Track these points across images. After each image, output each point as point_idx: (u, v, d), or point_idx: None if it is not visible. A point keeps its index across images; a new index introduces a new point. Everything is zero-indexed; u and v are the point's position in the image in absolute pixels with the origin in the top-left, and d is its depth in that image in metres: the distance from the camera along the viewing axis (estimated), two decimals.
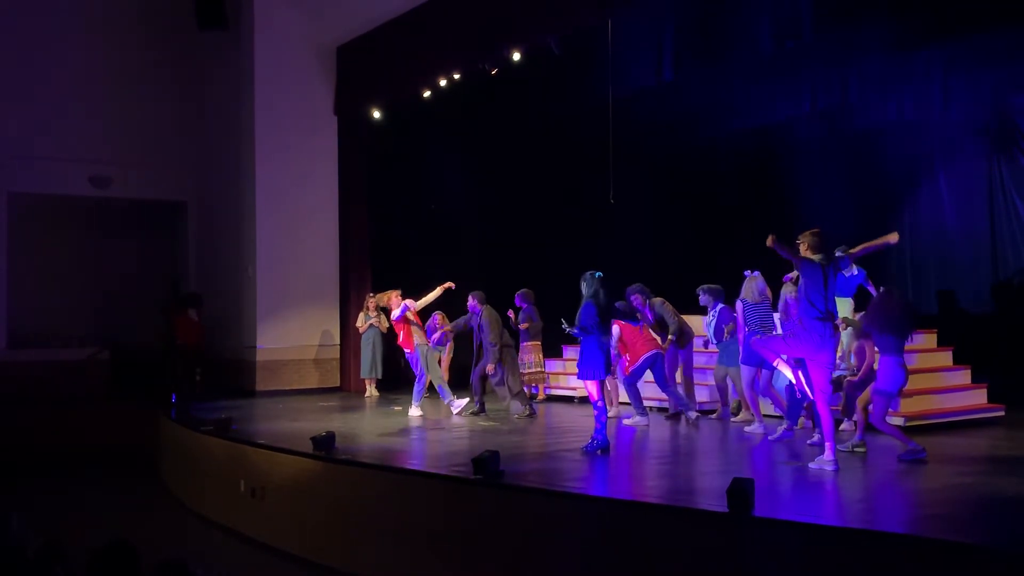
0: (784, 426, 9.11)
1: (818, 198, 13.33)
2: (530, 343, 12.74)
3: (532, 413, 11.54)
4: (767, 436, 9.22)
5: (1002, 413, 10.05)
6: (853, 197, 13.20)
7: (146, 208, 17.87)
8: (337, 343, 15.90)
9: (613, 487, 7.81)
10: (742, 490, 5.80)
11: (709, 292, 10.66)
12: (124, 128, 17.01)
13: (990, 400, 10.21)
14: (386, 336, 14.34)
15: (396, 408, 12.83)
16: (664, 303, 10.88)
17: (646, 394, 11.29)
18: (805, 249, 7.53)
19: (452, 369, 13.76)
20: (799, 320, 7.50)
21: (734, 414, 10.82)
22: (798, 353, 7.75)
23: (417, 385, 12.00)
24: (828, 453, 7.41)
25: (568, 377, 13.29)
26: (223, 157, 16.87)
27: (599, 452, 8.55)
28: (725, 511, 5.83)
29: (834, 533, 5.52)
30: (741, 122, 14.62)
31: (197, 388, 14.67)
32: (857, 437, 8.33)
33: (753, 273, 9.75)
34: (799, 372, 8.17)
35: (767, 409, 9.96)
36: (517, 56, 12.37)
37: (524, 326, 12.68)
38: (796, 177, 14.20)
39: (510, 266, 15.32)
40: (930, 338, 10.84)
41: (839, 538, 5.44)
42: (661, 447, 9.58)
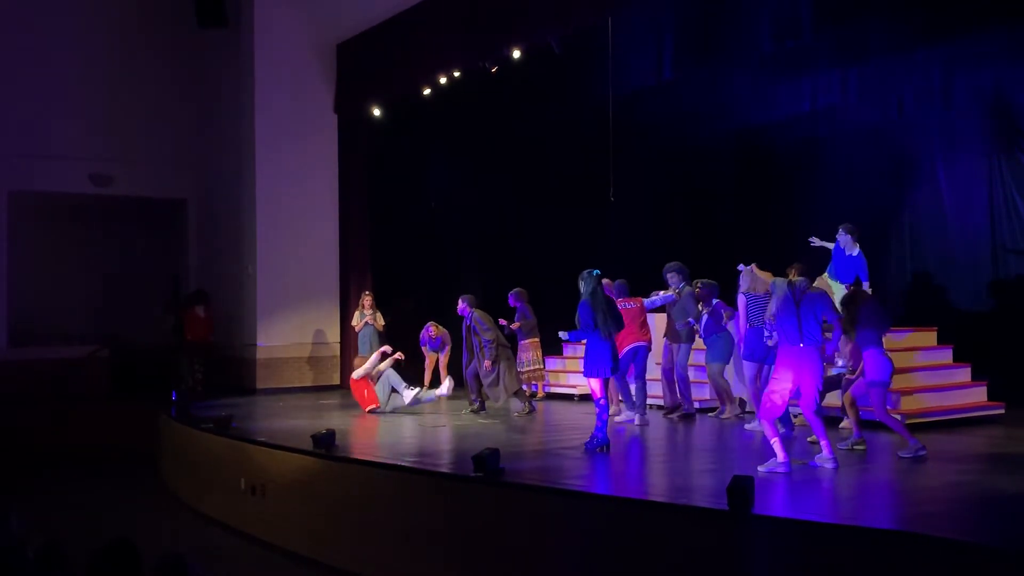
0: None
1: (818, 197, 13.34)
2: (528, 341, 12.72)
3: (532, 410, 11.56)
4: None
5: (1002, 411, 10.06)
6: (853, 196, 13.19)
7: (147, 206, 17.86)
8: (337, 341, 15.93)
9: (613, 485, 7.83)
10: (742, 488, 5.81)
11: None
12: (125, 126, 16.99)
13: (990, 398, 10.24)
14: (383, 333, 14.33)
15: None
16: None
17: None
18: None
19: (450, 372, 13.71)
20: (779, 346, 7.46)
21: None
22: (784, 380, 7.50)
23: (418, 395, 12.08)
24: (826, 451, 7.43)
25: (568, 375, 13.30)
26: (223, 155, 16.88)
27: (600, 450, 8.56)
28: (725, 509, 5.84)
29: (834, 531, 5.53)
30: (741, 121, 14.61)
31: (200, 386, 14.69)
32: (856, 435, 8.35)
33: (749, 268, 9.69)
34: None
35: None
36: (517, 54, 12.37)
37: (516, 325, 12.63)
38: (796, 175, 14.19)
39: (510, 264, 15.33)
40: (930, 336, 10.85)
41: (839, 536, 5.44)
42: (661, 445, 9.59)
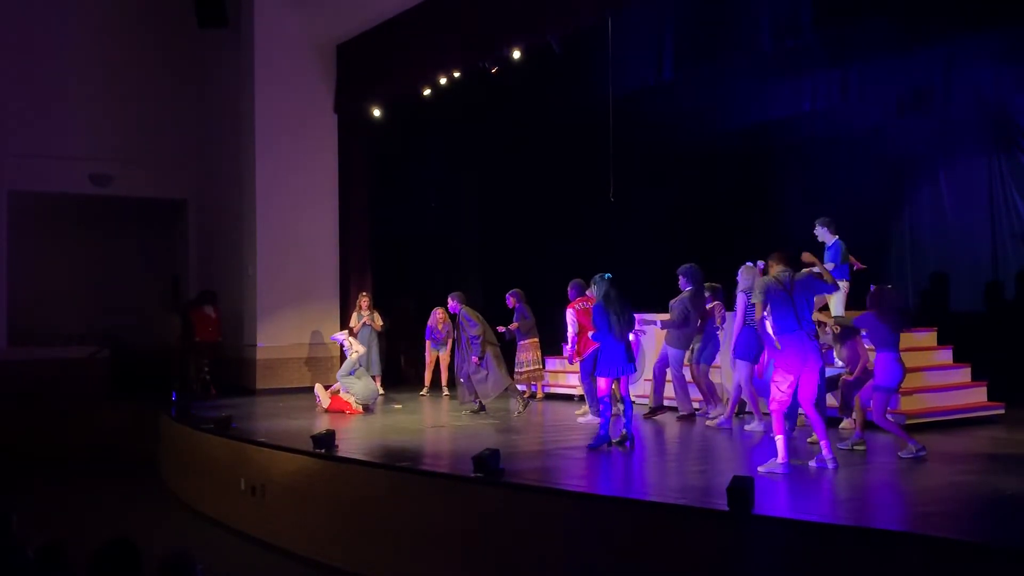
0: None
1: (818, 196, 13.33)
2: (527, 341, 12.68)
3: (526, 405, 11.50)
4: (767, 434, 9.21)
5: (1002, 411, 10.04)
6: (853, 196, 13.20)
7: (147, 206, 17.87)
8: None
9: (613, 485, 7.82)
10: (742, 488, 5.81)
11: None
12: (125, 126, 17.01)
13: (990, 398, 10.21)
14: (381, 334, 14.34)
15: (396, 407, 12.84)
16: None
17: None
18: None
19: (450, 368, 13.73)
20: (777, 340, 7.38)
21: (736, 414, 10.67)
22: (788, 371, 7.48)
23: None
24: (825, 451, 7.41)
25: (567, 375, 13.28)
26: (223, 155, 16.88)
27: (604, 448, 8.56)
28: (725, 509, 5.84)
29: (834, 531, 5.53)
30: (741, 120, 14.61)
31: (206, 386, 14.72)
32: (856, 435, 8.34)
33: (749, 265, 9.66)
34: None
35: (765, 407, 9.92)
36: (517, 54, 12.37)
37: (515, 326, 12.61)
38: (796, 175, 14.20)
39: (509, 264, 15.32)
40: (930, 336, 10.83)
41: (839, 536, 5.44)
42: (661, 445, 9.59)
